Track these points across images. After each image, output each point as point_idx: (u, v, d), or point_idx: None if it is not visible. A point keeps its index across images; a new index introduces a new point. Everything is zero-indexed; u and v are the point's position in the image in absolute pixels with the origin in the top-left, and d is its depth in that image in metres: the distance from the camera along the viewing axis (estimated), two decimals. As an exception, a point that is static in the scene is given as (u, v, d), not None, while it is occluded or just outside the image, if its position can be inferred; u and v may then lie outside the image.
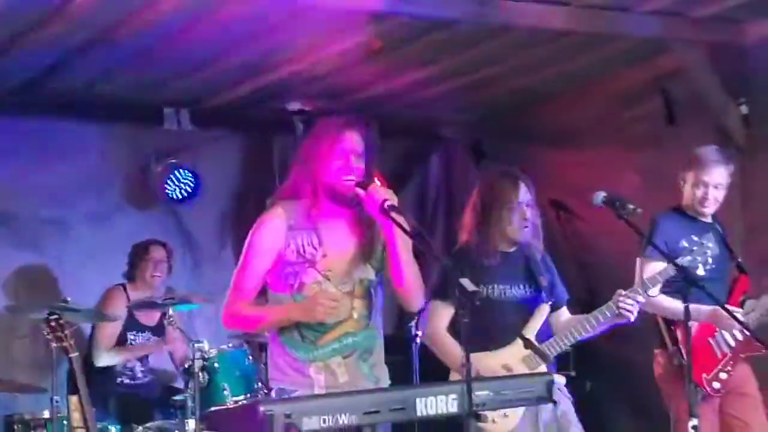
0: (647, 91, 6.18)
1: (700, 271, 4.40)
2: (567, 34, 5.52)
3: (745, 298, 4.72)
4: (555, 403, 3.41)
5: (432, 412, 3.12)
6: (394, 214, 3.39)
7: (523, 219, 4.22)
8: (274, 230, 3.52)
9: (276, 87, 6.27)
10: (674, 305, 4.34)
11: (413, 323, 5.40)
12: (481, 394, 3.18)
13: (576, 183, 6.27)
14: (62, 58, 5.43)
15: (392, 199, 3.42)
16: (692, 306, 4.14)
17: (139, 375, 6.01)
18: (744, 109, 5.65)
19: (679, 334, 4.55)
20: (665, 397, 4.72)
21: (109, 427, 5.61)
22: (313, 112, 6.54)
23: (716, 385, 4.61)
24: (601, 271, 6.13)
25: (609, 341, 4.45)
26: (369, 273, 3.56)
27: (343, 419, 2.99)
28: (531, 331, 4.20)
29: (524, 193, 4.24)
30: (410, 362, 5.50)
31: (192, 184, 6.50)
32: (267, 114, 6.75)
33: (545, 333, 4.27)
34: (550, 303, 4.29)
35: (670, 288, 4.36)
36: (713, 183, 4.65)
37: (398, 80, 6.33)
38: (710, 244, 4.28)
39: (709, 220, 4.75)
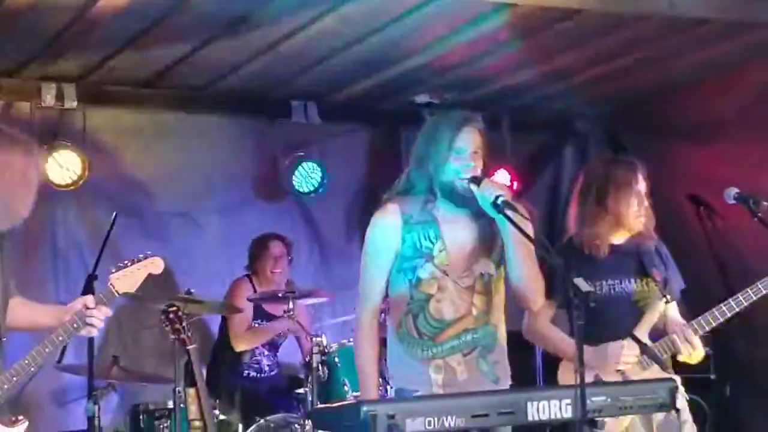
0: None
1: None
2: (703, 23, 5.27)
3: None
4: (678, 410, 3.22)
5: (544, 416, 3.00)
6: (507, 210, 3.28)
7: (639, 206, 4.01)
8: (389, 227, 3.47)
9: (404, 79, 6.20)
10: None
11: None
12: (597, 399, 3.05)
13: (716, 178, 5.95)
14: (190, 51, 5.49)
15: (505, 195, 3.31)
16: None
17: (266, 368, 6.05)
18: None
19: None
20: None
21: (232, 419, 5.70)
22: (442, 105, 6.43)
23: None
24: (742, 270, 5.83)
25: (749, 342, 4.20)
26: (490, 268, 3.46)
27: (450, 422, 2.91)
28: (643, 329, 4.00)
29: (642, 180, 4.04)
30: (533, 361, 5.35)
31: (319, 178, 6.49)
32: (395, 107, 6.69)
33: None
34: (664, 299, 4.08)
35: None
36: None
37: (530, 72, 6.17)
38: None
39: None
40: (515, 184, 6.66)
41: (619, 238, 4.09)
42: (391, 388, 3.54)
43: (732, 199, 3.72)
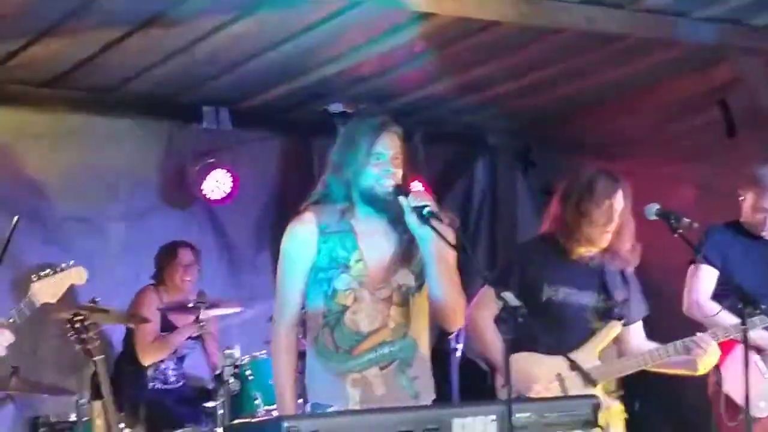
0: (703, 101, 5.97)
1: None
2: (619, 39, 5.33)
3: None
4: (601, 428, 3.20)
5: (469, 433, 2.95)
6: (434, 222, 3.23)
7: (607, 223, 4.00)
8: (304, 237, 3.37)
9: (317, 88, 6.15)
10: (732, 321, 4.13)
11: (453, 336, 5.22)
12: (522, 416, 3.01)
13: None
14: (98, 51, 5.32)
15: (432, 205, 3.25)
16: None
17: (172, 379, 5.87)
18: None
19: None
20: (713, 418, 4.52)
21: (138, 433, 5.53)
22: (356, 115, 6.37)
23: (762, 405, 4.38)
24: (655, 287, 5.91)
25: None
26: (408, 279, 3.38)
27: (374, 438, 2.83)
28: (595, 347, 4.02)
29: (620, 199, 4.03)
30: (449, 377, 5.32)
31: (229, 185, 6.36)
32: (308, 116, 6.62)
33: (611, 350, 4.08)
34: (622, 320, 4.08)
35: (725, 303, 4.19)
36: None
37: (444, 84, 6.19)
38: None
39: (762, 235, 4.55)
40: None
41: (587, 251, 4.08)
42: (307, 402, 3.44)
43: (653, 215, 3.74)
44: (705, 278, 4.49)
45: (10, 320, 3.39)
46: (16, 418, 5.47)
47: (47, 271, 3.51)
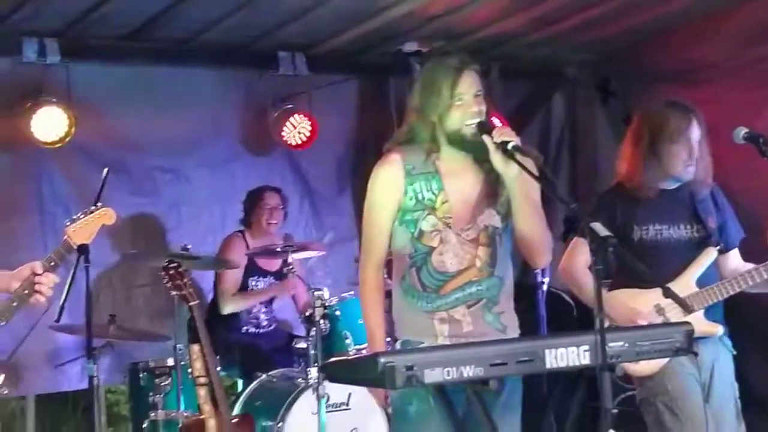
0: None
1: None
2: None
3: None
4: (696, 354, 3.21)
5: (562, 364, 2.95)
6: (519, 156, 3.22)
7: (690, 156, 3.97)
8: (390, 179, 3.40)
9: (390, 29, 6.10)
10: None
11: (539, 270, 5.22)
12: (615, 345, 3.01)
13: (710, 122, 5.94)
14: (174, 3, 5.35)
15: (516, 140, 3.24)
16: None
17: (264, 323, 6.02)
18: None
19: None
20: None
21: (234, 375, 5.68)
22: (430, 53, 6.34)
23: None
24: (746, 211, 5.82)
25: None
26: (494, 219, 3.40)
27: (468, 371, 2.86)
28: (692, 275, 3.99)
29: (695, 128, 3.99)
30: (536, 311, 5.33)
31: (308, 130, 6.40)
32: (382, 57, 6.58)
33: (713, 278, 4.04)
34: (718, 246, 4.05)
35: None
36: None
37: (518, 18, 6.08)
38: None
39: None
40: (507, 131, 6.61)
41: (670, 185, 4.05)
42: (397, 340, 3.49)
43: (741, 139, 3.68)
44: None
45: (51, 263, 3.50)
46: (116, 365, 5.64)
47: (79, 215, 3.69)
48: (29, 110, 5.59)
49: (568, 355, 2.97)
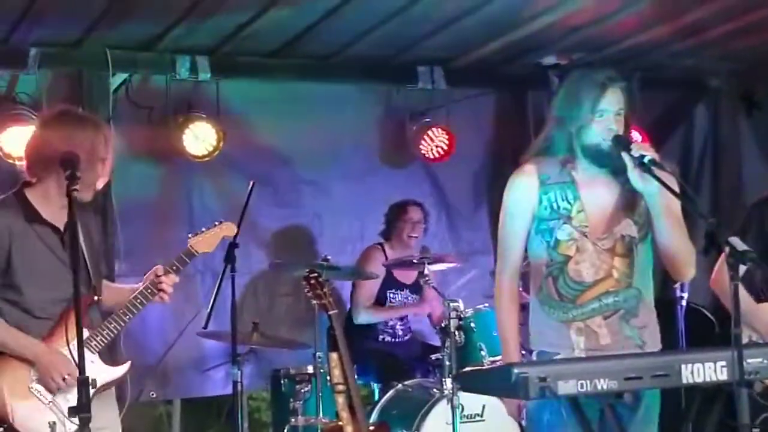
0: None
1: None
2: None
3: None
4: (836, 374, 3.11)
5: (699, 379, 2.93)
6: (655, 170, 3.21)
7: None
8: (525, 188, 3.43)
9: (530, 41, 6.11)
10: None
11: (678, 284, 5.14)
12: (753, 361, 2.96)
13: None
14: (317, 19, 5.51)
15: (653, 154, 3.23)
16: None
17: (400, 333, 6.11)
18: None
19: None
20: None
21: (371, 383, 5.78)
22: (569, 66, 6.32)
23: None
24: None
25: None
26: (631, 229, 3.38)
27: (602, 384, 2.86)
28: None
29: None
30: (675, 326, 5.25)
31: (446, 143, 6.47)
32: (521, 70, 6.61)
33: None
34: None
35: None
36: None
37: (659, 29, 6.01)
38: None
39: None
40: (647, 144, 6.52)
41: None
42: (533, 351, 3.51)
43: None
44: None
45: (173, 267, 3.80)
46: (259, 371, 5.84)
47: (201, 229, 4.03)
48: (181, 125, 5.85)
49: (704, 370, 2.94)
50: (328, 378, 4.63)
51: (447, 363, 5.05)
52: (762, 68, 6.73)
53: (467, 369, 3.71)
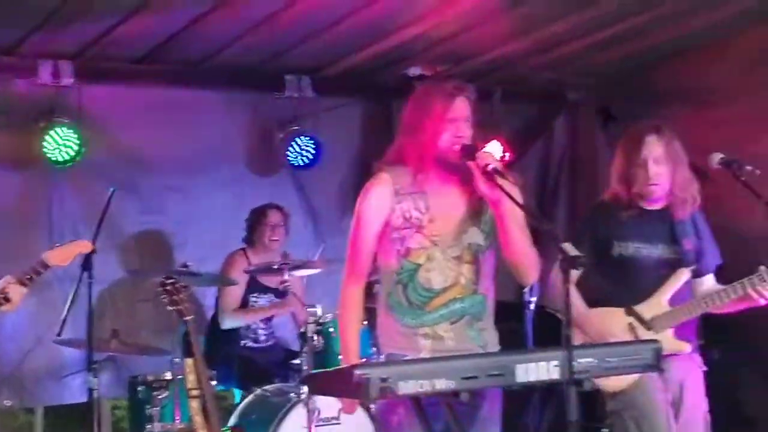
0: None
1: None
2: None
3: None
4: (662, 371, 3.29)
5: (532, 378, 3.04)
6: (498, 179, 3.32)
7: (648, 177, 4.05)
8: (380, 197, 3.51)
9: (397, 52, 6.21)
10: None
11: (527, 289, 5.31)
12: (584, 361, 3.10)
13: (712, 145, 5.96)
14: (184, 25, 5.50)
15: (496, 164, 3.35)
16: None
17: (262, 338, 6.13)
18: None
19: None
20: None
21: (231, 389, 5.78)
22: (434, 78, 6.45)
23: None
24: (738, 240, 5.87)
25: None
26: (478, 238, 3.50)
27: (441, 384, 2.95)
28: (664, 294, 4.07)
29: (649, 149, 4.07)
30: (523, 329, 5.42)
31: (313, 151, 6.53)
32: (388, 80, 6.71)
33: (687, 297, 4.12)
34: (692, 268, 4.12)
35: None
36: None
37: (521, 42, 6.18)
38: None
39: None
40: (507, 154, 6.71)
41: (650, 204, 4.14)
42: (381, 354, 3.58)
43: (716, 164, 3.77)
44: None
45: (26, 277, 3.88)
46: (117, 378, 5.76)
47: (57, 244, 4.26)
48: (42, 131, 5.76)
49: (538, 369, 3.06)
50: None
51: (305, 368, 5.10)
52: (618, 82, 6.97)
53: (313, 372, 3.76)
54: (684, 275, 4.08)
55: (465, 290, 3.48)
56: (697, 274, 4.17)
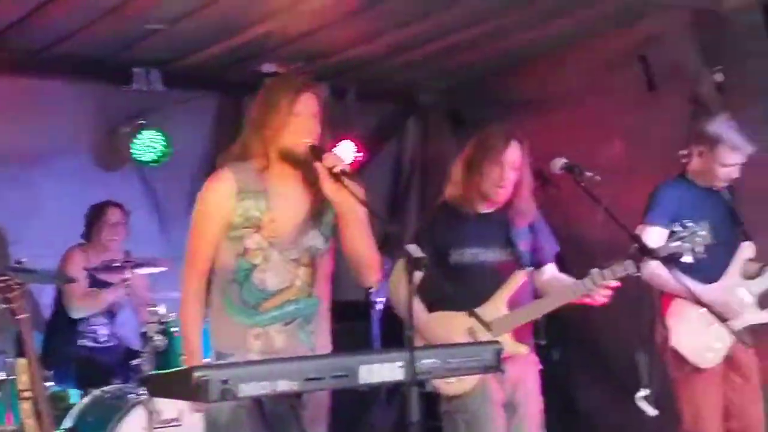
0: (628, 56, 6.08)
1: (688, 258, 4.21)
2: (543, -1, 5.42)
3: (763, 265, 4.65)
4: (502, 372, 3.34)
5: (376, 379, 3.05)
6: (345, 180, 3.30)
7: (501, 177, 4.09)
8: (221, 194, 3.43)
9: (250, 48, 6.16)
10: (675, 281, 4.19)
11: (373, 290, 5.32)
12: (427, 362, 3.12)
13: (555, 151, 6.12)
14: (26, 13, 5.30)
15: (343, 166, 3.33)
16: (699, 286, 4.27)
17: (103, 338, 5.93)
18: (719, 76, 5.56)
19: (668, 304, 4.50)
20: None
21: (68, 390, 5.59)
22: (286, 74, 6.40)
23: (708, 355, 4.52)
24: (578, 242, 6.05)
25: (578, 308, 4.35)
26: (317, 240, 3.47)
27: (283, 385, 2.91)
28: (501, 298, 4.12)
29: (512, 153, 4.10)
30: (370, 330, 5.43)
31: (162, 146, 6.39)
32: (241, 76, 6.63)
33: (526, 298, 4.19)
34: (529, 270, 4.19)
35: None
36: (736, 163, 4.58)
37: (375, 43, 6.23)
38: (703, 232, 4.09)
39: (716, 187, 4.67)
40: (360, 154, 6.72)
41: (487, 208, 4.18)
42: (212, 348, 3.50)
43: (558, 169, 3.85)
44: (652, 240, 4.42)
45: None
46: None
47: None
48: None
49: (382, 370, 3.06)
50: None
51: (146, 368, 4.98)
52: (468, 87, 7.09)
53: (153, 373, 3.66)
54: (520, 278, 4.16)
55: (300, 292, 3.44)
56: (537, 266, 4.24)
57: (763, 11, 5.39)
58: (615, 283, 4.02)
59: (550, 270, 4.33)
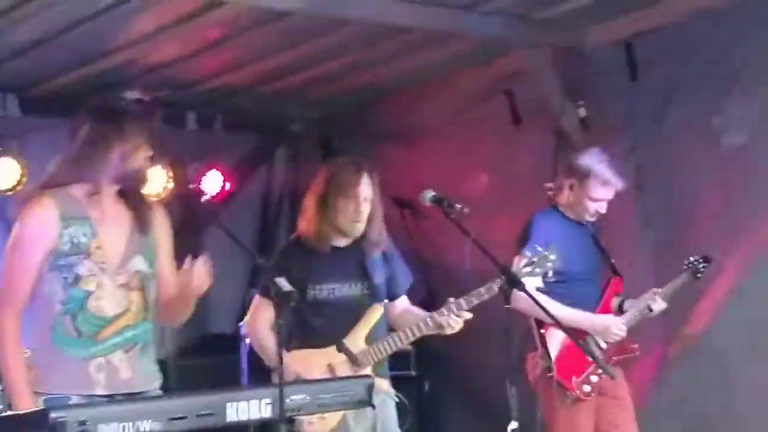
0: (493, 90, 6.20)
1: (538, 283, 4.23)
2: (410, 31, 5.44)
3: (622, 299, 4.74)
4: (374, 407, 3.30)
5: (244, 417, 2.99)
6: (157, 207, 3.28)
7: (356, 211, 4.07)
8: (43, 222, 3.26)
9: (112, 75, 6.00)
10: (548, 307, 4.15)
11: (243, 323, 5.22)
12: (296, 398, 3.07)
13: (423, 181, 6.12)
14: None
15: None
16: (569, 311, 4.31)
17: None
18: (582, 111, 5.70)
19: (547, 337, 4.51)
20: (539, 400, 4.58)
21: None
22: (152, 103, 6.27)
23: (586, 388, 4.56)
24: (444, 271, 6.09)
25: (449, 340, 4.36)
26: (143, 265, 3.37)
27: (146, 426, 2.83)
28: (360, 333, 4.09)
29: (365, 185, 4.09)
30: (239, 363, 5.32)
31: (19, 174, 6.13)
32: (102, 101, 6.42)
33: (383, 332, 4.17)
34: (385, 302, 4.18)
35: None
36: (606, 197, 4.64)
37: (241, 73, 6.17)
38: (552, 257, 4.13)
39: (584, 221, 4.74)
40: (227, 184, 6.62)
41: (342, 242, 4.15)
42: (41, 395, 3.21)
43: (428, 201, 3.85)
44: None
45: None
46: None
47: None
48: None
49: (249, 408, 3.00)
50: None
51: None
52: (339, 116, 7.10)
53: (4, 414, 3.44)
54: (378, 311, 4.15)
55: (136, 317, 3.34)
56: (391, 298, 4.24)
57: (625, 49, 5.56)
58: (467, 315, 4.03)
59: (403, 303, 4.32)
